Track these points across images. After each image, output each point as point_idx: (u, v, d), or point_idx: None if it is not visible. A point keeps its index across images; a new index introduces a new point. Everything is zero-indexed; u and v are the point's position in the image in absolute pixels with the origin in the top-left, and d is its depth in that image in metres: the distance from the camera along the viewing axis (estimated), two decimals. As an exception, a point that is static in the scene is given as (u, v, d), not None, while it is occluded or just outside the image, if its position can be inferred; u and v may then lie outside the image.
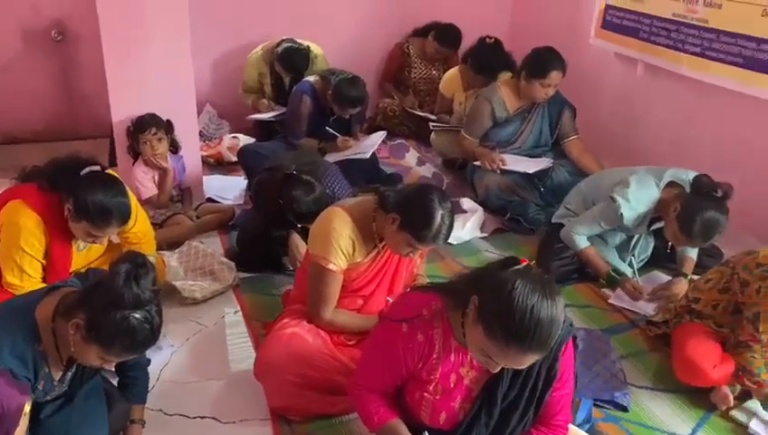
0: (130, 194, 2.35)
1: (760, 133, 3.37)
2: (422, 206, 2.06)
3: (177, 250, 3.02)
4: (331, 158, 3.68)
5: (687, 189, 2.69)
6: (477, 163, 3.74)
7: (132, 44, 3.12)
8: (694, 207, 2.58)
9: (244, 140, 4.24)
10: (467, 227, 3.41)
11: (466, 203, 3.59)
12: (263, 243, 2.99)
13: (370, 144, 3.80)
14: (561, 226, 3.08)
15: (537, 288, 1.47)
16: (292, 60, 4.18)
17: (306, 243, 2.48)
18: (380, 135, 3.97)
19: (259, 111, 4.34)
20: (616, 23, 4.06)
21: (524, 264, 1.55)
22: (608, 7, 4.12)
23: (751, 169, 3.38)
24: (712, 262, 2.97)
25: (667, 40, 3.67)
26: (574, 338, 1.75)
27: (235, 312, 2.75)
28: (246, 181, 3.75)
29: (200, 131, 3.85)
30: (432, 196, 2.07)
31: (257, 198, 3.09)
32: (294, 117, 3.84)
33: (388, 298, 2.33)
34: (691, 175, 2.73)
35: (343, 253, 2.17)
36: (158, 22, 3.13)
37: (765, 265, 2.19)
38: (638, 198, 2.78)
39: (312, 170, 2.84)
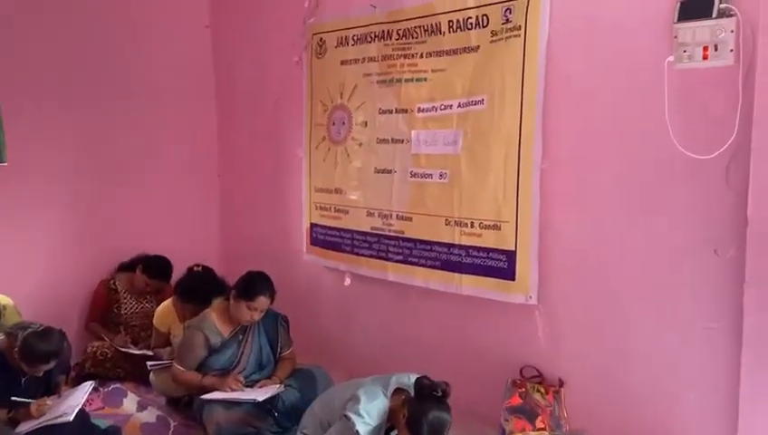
0: None
1: (464, 325, 3.65)
2: None
3: None
4: (26, 428, 3.13)
5: (412, 393, 2.75)
6: (204, 397, 3.47)
7: None
8: (419, 412, 2.66)
9: None
10: (201, 478, 3.06)
11: (198, 447, 3.26)
12: None
13: (74, 402, 3.28)
14: (303, 455, 2.93)
15: None
16: (-29, 317, 3.62)
17: None
18: (86, 387, 3.46)
19: (-71, 385, 3.59)
20: (321, 239, 4.28)
21: None
22: (313, 226, 4.36)
23: (461, 359, 3.60)
24: (449, 459, 3.03)
25: (370, 251, 3.93)
26: None
27: None
28: None
29: None
30: None
31: None
32: (-28, 387, 3.24)
33: None
34: (413, 378, 2.81)
35: None
36: None
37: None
38: (370, 411, 2.77)
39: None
